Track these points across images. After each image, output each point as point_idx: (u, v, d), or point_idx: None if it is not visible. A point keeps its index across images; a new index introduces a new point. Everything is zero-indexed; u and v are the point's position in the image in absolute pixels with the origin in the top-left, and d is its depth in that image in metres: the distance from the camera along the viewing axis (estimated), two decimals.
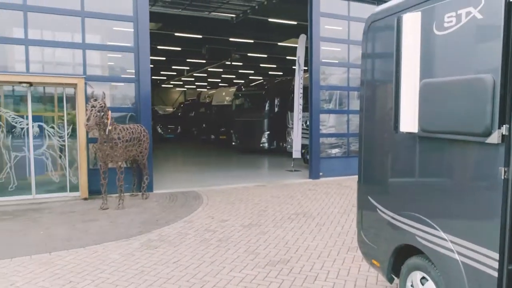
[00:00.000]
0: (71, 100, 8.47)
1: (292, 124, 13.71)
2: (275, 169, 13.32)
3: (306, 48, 11.73)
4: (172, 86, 49.76)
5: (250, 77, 36.59)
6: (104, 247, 5.44)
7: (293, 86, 13.22)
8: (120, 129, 7.60)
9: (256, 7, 14.18)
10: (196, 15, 15.30)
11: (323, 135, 11.36)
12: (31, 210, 7.51)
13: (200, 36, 20.24)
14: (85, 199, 8.30)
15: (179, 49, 24.37)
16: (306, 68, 12.29)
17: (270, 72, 35.05)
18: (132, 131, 7.92)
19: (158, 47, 22.43)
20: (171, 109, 32.32)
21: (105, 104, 7.09)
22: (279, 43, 22.54)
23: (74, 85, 8.14)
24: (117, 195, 7.94)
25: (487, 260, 2.48)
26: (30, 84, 7.95)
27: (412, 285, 3.31)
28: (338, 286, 4.22)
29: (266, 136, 17.98)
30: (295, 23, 16.27)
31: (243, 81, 33.22)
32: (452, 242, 2.76)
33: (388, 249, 3.52)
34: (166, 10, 14.49)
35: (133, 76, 9.08)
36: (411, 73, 2.99)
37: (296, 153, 12.78)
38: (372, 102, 3.80)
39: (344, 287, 4.21)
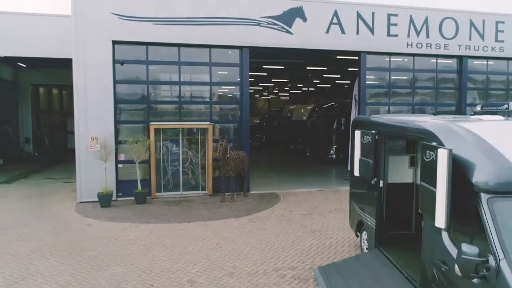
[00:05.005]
0: (203, 135, 14.08)
1: None
2: (335, 177, 17.91)
3: None
4: (258, 96, 55.86)
5: (327, 90, 41.02)
6: (230, 220, 10.76)
7: None
8: (233, 155, 12.98)
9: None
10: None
11: None
12: (182, 200, 13.19)
13: (282, 67, 25.39)
14: (210, 195, 13.82)
15: (265, 74, 29.82)
16: None
17: (345, 86, 39.00)
18: (239, 156, 13.26)
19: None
20: (258, 121, 38.03)
21: (226, 143, 12.54)
22: (349, 68, 26.77)
23: (206, 128, 13.74)
24: (229, 193, 13.32)
25: (374, 223, 7.15)
26: (182, 128, 13.72)
27: (362, 238, 7.99)
28: (343, 238, 8.99)
29: (334, 149, 22.54)
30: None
31: (318, 100, 37.59)
32: (368, 217, 7.44)
33: (355, 221, 8.24)
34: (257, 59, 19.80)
35: (238, 119, 14.49)
36: (358, 153, 7.69)
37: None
38: (353, 159, 8.50)
39: (344, 240, 8.95)
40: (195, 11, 13.35)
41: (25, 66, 21.93)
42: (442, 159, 4.34)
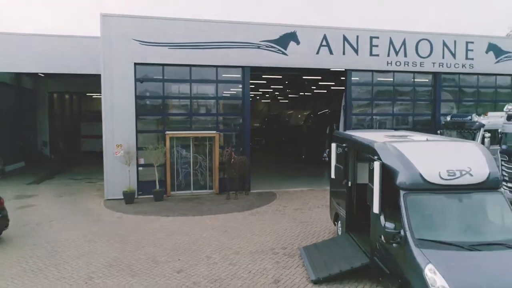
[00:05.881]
0: (211, 142, 16.41)
1: None
2: (326, 178, 20.16)
3: None
4: (258, 98, 58.21)
5: (324, 94, 43.36)
6: (234, 214, 13.09)
7: None
8: (237, 159, 15.31)
9: None
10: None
11: None
12: (193, 198, 15.51)
13: (280, 76, 27.71)
14: (217, 193, 16.15)
15: (265, 82, 32.15)
16: None
17: (341, 90, 41.27)
18: (241, 160, 15.59)
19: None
20: (258, 124, 40.36)
21: (231, 149, 14.87)
22: (341, 77, 29.08)
23: (213, 136, 16.07)
24: (233, 192, 15.65)
25: (345, 214, 9.47)
26: (193, 136, 16.06)
27: (338, 226, 10.31)
28: (325, 227, 11.32)
29: (326, 152, 24.80)
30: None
31: (312, 110, 39.93)
32: (341, 210, 9.77)
33: (333, 213, 10.58)
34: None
35: (240, 127, 16.82)
36: (334, 160, 10.01)
37: None
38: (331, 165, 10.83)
39: (325, 228, 11.29)
40: (204, 37, 15.68)
41: (43, 75, 24.26)
42: (376, 168, 6.68)
